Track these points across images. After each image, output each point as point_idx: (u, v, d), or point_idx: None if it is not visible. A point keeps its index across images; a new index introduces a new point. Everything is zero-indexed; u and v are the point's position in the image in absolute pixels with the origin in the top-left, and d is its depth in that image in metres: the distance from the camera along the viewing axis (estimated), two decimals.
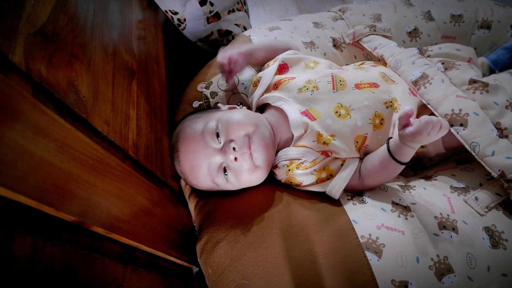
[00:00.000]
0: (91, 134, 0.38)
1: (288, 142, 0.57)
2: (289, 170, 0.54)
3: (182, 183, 0.63)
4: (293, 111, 0.55)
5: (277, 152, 0.57)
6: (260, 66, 0.68)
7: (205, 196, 0.58)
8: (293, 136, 0.55)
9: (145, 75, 0.60)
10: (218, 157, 0.51)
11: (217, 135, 0.52)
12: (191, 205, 0.60)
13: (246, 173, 0.52)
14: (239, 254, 0.48)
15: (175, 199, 0.60)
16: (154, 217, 0.48)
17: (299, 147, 0.54)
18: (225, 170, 0.52)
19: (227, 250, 0.49)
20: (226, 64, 0.60)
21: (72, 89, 0.36)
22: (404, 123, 0.46)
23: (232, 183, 0.53)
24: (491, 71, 0.69)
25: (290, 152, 0.55)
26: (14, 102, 0.27)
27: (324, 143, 0.52)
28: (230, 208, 0.55)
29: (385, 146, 0.50)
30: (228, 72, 0.61)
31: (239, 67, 0.62)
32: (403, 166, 0.50)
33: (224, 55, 0.61)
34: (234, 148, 0.50)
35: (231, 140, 0.51)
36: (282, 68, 0.63)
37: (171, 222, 0.54)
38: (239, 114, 0.56)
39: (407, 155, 0.48)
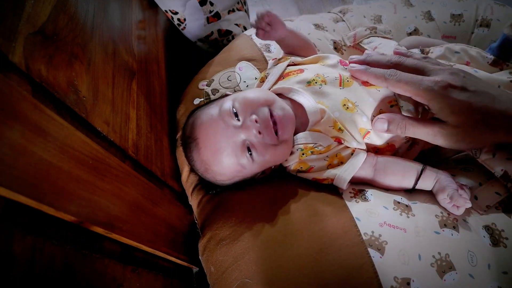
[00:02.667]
0: (91, 134, 0.38)
1: (300, 129, 0.56)
2: (303, 154, 0.54)
3: (183, 180, 0.62)
4: (308, 100, 0.55)
5: None
6: (287, 52, 0.68)
7: (209, 193, 0.58)
8: (306, 123, 0.55)
9: (145, 75, 0.60)
10: (241, 134, 0.51)
11: (235, 115, 0.51)
12: (194, 202, 0.60)
13: (271, 149, 0.51)
14: (243, 253, 0.48)
15: (175, 199, 0.59)
16: (154, 217, 0.48)
17: (314, 132, 0.54)
18: (248, 150, 0.51)
19: (230, 248, 0.49)
20: (265, 21, 0.59)
21: (72, 89, 0.37)
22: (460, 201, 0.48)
23: (258, 161, 0.52)
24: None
25: (305, 136, 0.54)
26: (14, 102, 0.27)
27: (339, 129, 0.53)
28: (234, 206, 0.55)
29: (419, 167, 0.52)
30: (262, 30, 0.60)
31: (274, 34, 0.61)
32: (411, 186, 0.53)
33: (270, 13, 0.60)
34: (256, 121, 0.50)
35: (252, 114, 0.51)
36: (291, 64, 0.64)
37: (171, 222, 0.54)
38: (254, 91, 0.56)
39: (425, 186, 0.53)
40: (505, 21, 0.75)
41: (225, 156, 0.51)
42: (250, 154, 0.51)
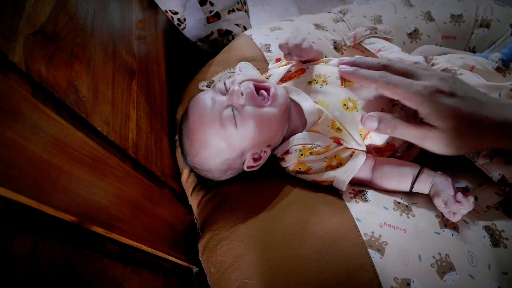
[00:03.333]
0: (91, 134, 0.38)
1: (299, 129, 0.56)
2: (302, 155, 0.54)
3: (183, 180, 0.63)
4: (306, 100, 0.56)
5: (289, 137, 0.57)
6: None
7: (210, 192, 0.58)
8: (305, 123, 0.55)
9: (145, 75, 0.60)
10: (226, 101, 0.52)
11: (225, 92, 0.54)
12: (194, 202, 0.60)
13: (254, 114, 0.52)
14: (243, 253, 0.48)
15: (175, 199, 0.60)
16: (154, 217, 0.48)
17: (312, 132, 0.54)
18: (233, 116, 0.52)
19: (230, 248, 0.49)
20: (296, 48, 0.58)
21: (72, 89, 0.36)
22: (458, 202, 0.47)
23: (241, 129, 0.51)
24: (504, 63, 0.68)
25: (304, 136, 0.55)
26: (14, 102, 0.27)
27: (338, 129, 0.53)
28: (235, 206, 0.55)
29: (415, 170, 0.52)
30: (295, 53, 0.59)
31: (305, 57, 0.60)
32: (407, 189, 0.53)
33: (302, 40, 0.58)
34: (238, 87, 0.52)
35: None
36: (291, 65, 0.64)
37: (171, 222, 0.54)
38: (244, 75, 0.58)
39: (421, 190, 0.52)
40: (505, 21, 0.75)
41: (209, 118, 0.52)
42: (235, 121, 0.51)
